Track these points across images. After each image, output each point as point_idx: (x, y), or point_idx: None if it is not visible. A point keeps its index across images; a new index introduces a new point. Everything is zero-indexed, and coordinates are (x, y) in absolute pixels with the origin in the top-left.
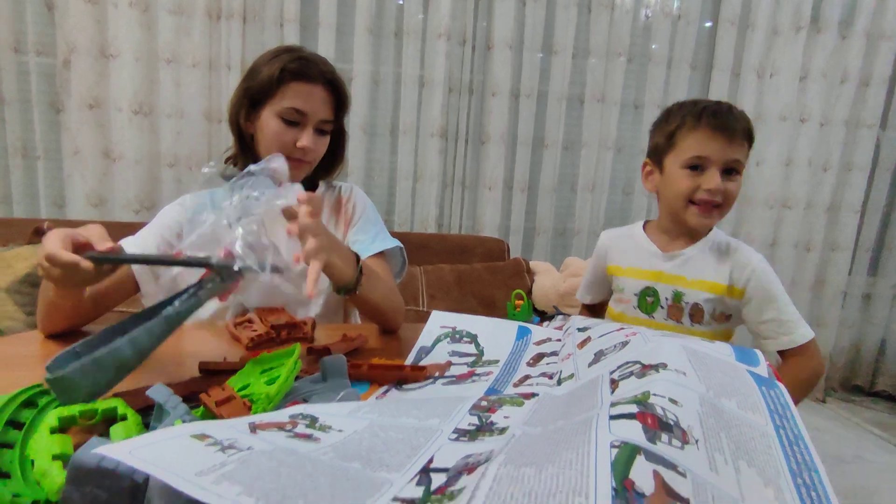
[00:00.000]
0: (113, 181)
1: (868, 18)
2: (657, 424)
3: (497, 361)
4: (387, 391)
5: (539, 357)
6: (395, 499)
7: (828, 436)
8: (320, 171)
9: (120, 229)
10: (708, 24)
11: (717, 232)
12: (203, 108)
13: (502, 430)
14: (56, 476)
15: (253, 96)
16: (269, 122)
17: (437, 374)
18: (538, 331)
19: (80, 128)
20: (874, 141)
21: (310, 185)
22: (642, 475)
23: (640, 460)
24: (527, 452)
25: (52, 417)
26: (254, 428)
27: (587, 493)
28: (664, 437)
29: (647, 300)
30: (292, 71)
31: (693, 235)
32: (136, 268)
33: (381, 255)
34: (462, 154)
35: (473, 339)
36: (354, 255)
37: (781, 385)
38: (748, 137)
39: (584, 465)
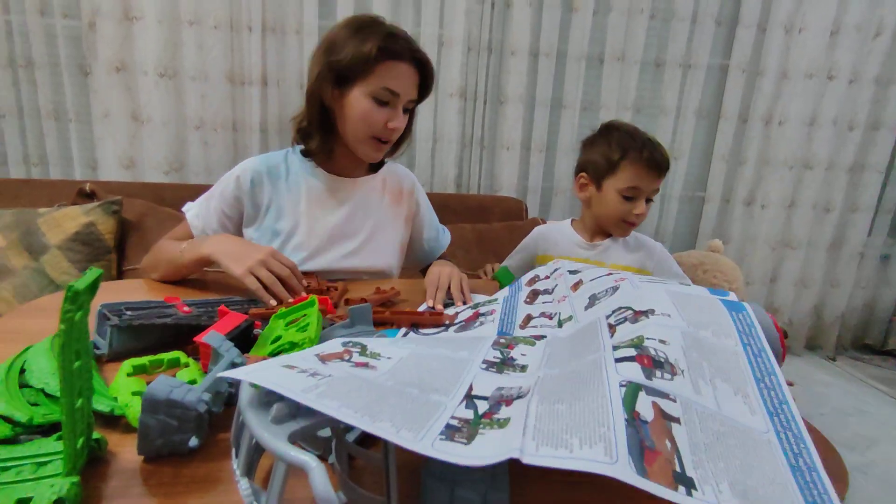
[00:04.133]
0: (142, 143)
1: None
2: (651, 363)
3: (496, 300)
4: (406, 334)
5: (534, 294)
6: (452, 417)
7: (833, 390)
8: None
9: (152, 190)
10: None
11: None
12: (225, 71)
13: (523, 368)
14: (137, 407)
15: (340, 73)
16: (359, 102)
17: (446, 322)
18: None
19: (109, 91)
20: None
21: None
22: (645, 407)
23: (642, 395)
24: (555, 391)
25: (126, 365)
26: (321, 359)
27: (608, 423)
28: (658, 373)
29: None
30: (385, 49)
31: (609, 232)
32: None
33: None
34: (480, 114)
35: None
36: None
37: (747, 305)
38: (668, 170)
39: (603, 402)
